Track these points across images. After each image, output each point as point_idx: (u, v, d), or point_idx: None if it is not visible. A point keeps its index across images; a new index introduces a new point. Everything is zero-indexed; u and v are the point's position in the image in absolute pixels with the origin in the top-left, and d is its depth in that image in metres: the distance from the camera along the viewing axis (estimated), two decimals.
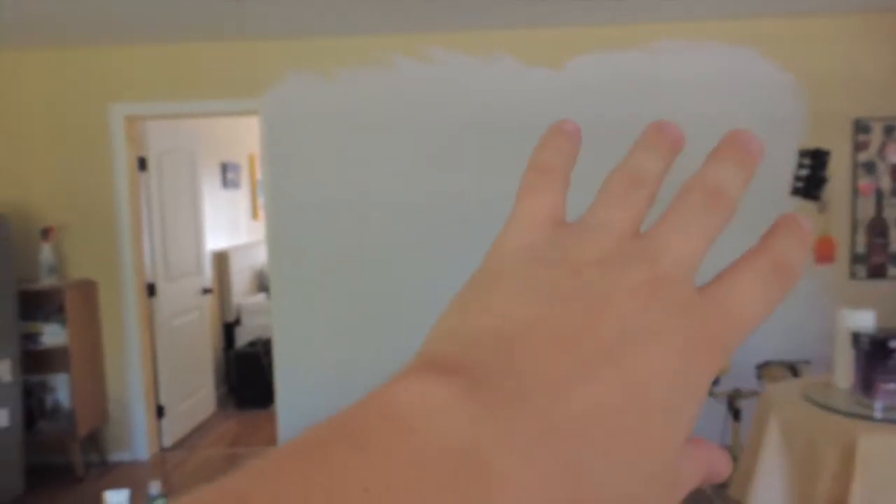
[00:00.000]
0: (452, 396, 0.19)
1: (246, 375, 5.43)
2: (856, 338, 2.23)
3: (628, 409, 0.20)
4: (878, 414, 2.11)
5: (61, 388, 4.23)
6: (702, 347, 0.22)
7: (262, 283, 6.56)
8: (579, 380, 0.20)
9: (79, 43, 4.13)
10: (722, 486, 3.11)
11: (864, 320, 2.29)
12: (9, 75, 4.22)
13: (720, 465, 0.24)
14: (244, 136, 6.60)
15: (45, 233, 4.12)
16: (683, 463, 0.22)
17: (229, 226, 6.30)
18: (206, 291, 5.25)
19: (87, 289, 4.22)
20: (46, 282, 4.08)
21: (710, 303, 0.23)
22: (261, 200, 7.05)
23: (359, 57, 4.18)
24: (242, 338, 5.85)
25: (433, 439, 0.18)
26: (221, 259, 5.88)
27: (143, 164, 4.47)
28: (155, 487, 2.19)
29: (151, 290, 4.52)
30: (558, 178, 0.28)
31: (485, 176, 4.19)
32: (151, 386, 4.48)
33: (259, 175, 6.99)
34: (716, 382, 3.32)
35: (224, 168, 6.18)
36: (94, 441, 4.33)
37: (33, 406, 4.15)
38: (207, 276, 5.49)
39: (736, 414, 3.27)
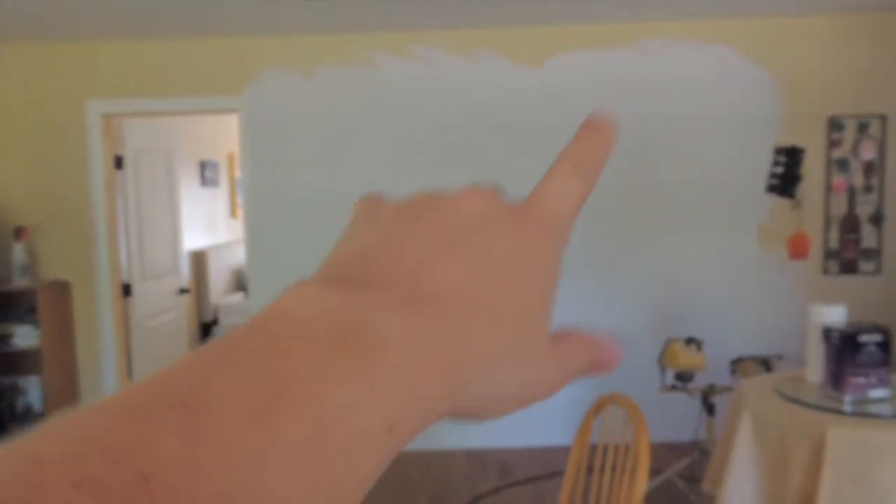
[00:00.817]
0: (325, 289, 0.22)
1: None
2: (826, 333, 2.26)
3: (484, 275, 0.24)
4: (847, 408, 2.13)
5: (33, 391, 4.17)
6: (532, 226, 0.26)
7: (240, 283, 6.52)
8: (434, 262, 0.24)
9: (55, 37, 4.07)
10: (695, 481, 3.13)
11: (835, 315, 2.31)
12: None
13: (607, 355, 0.27)
14: (223, 134, 6.55)
15: (18, 232, 4.06)
16: (565, 343, 0.27)
17: (208, 225, 6.25)
18: (184, 291, 5.20)
19: (61, 289, 4.16)
20: (19, 282, 4.02)
21: (529, 201, 0.27)
22: (240, 199, 7.01)
23: (339, 55, 4.16)
24: None
25: (318, 318, 0.20)
26: (199, 258, 5.83)
27: (119, 162, 4.42)
28: None
29: (127, 290, 4.47)
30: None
31: (467, 173, 4.19)
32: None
33: (238, 173, 6.95)
34: (691, 378, 3.34)
35: (203, 166, 6.13)
36: None
37: (3, 409, 4.09)
38: (185, 275, 5.44)
39: (710, 409, 3.29)
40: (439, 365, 0.22)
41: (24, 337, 3.97)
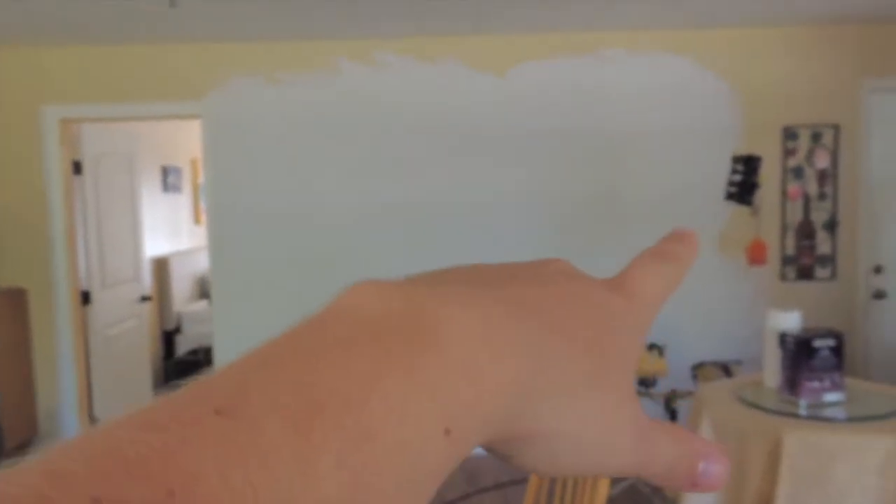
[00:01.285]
0: (388, 286, 0.20)
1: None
2: (782, 338, 2.31)
3: (573, 307, 0.23)
4: (802, 411, 2.19)
5: None
6: (623, 295, 0.25)
7: (203, 290, 6.42)
8: (520, 282, 0.23)
9: (8, 42, 3.98)
10: (659, 486, 3.18)
11: (791, 321, 2.37)
12: None
13: (715, 468, 0.24)
14: (186, 139, 6.46)
15: None
16: (658, 429, 0.24)
17: (170, 231, 6.16)
18: (145, 299, 5.11)
19: (17, 297, 4.06)
20: None
21: (619, 276, 0.27)
22: (203, 205, 6.92)
23: (303, 61, 4.14)
24: (183, 346, 5.71)
25: (374, 314, 0.19)
26: (161, 265, 5.74)
27: (77, 167, 4.33)
28: None
29: (86, 297, 4.38)
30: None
31: (430, 181, 4.20)
32: (85, 396, 4.34)
33: (201, 179, 6.86)
34: (653, 384, 3.39)
35: (165, 172, 6.04)
36: (24, 454, 4.16)
37: None
38: (146, 283, 5.34)
39: (673, 414, 3.35)
40: (513, 367, 0.20)
41: None
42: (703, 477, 0.24)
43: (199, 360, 5.29)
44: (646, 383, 3.37)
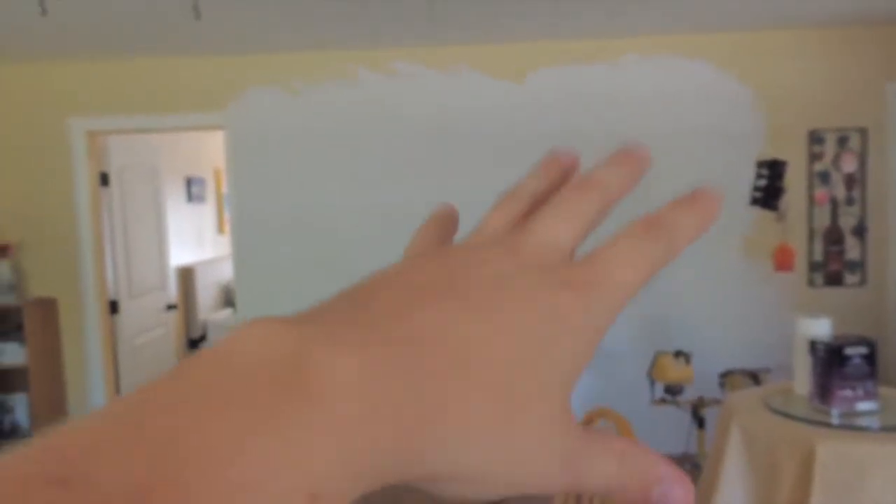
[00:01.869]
0: (277, 325, 0.18)
1: None
2: (813, 345, 2.28)
3: (486, 325, 0.20)
4: (834, 420, 2.16)
5: (20, 409, 4.13)
6: (576, 287, 0.22)
7: (228, 299, 6.48)
8: (427, 303, 0.20)
9: (36, 58, 4.06)
10: None
11: (821, 328, 2.34)
12: None
13: (676, 491, 0.22)
14: (209, 149, 6.54)
15: (3, 250, 4.03)
16: (597, 442, 0.22)
17: (195, 240, 6.23)
18: (171, 307, 5.17)
19: (47, 307, 4.13)
20: (4, 300, 3.99)
21: (579, 260, 0.23)
22: (227, 215, 6.99)
23: (322, 71, 4.18)
24: None
25: (252, 359, 0.17)
26: (187, 274, 5.80)
27: (104, 179, 4.40)
28: None
29: (114, 307, 4.44)
30: (523, 197, 0.28)
31: (450, 188, 4.21)
32: None
33: (225, 189, 6.93)
34: (680, 392, 3.36)
35: (189, 182, 6.11)
36: None
37: None
38: (172, 292, 5.41)
39: (700, 422, 3.32)
40: (391, 418, 0.18)
41: (11, 354, 3.94)
42: (660, 501, 0.22)
43: None
44: (672, 391, 3.34)
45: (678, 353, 3.37)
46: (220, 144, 6.78)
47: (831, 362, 2.20)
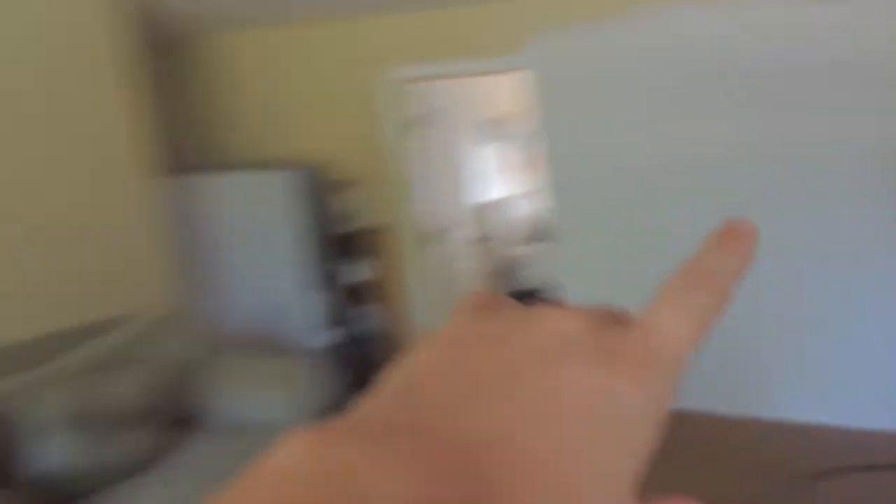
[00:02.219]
0: (318, 440, 0.18)
1: None
2: None
3: (542, 423, 0.19)
4: None
5: (368, 319, 4.76)
6: (630, 361, 0.20)
7: (530, 234, 6.77)
8: (480, 401, 0.19)
9: (354, 18, 4.52)
10: None
11: None
12: (307, 46, 4.76)
13: None
14: (510, 91, 6.78)
15: (346, 184, 4.62)
16: None
17: (493, 179, 6.56)
18: (478, 240, 5.53)
19: (380, 234, 4.67)
20: (350, 226, 4.59)
21: (635, 325, 0.21)
22: (527, 154, 7.24)
23: (633, 3, 4.05)
24: (511, 287, 6.10)
25: (293, 479, 0.17)
26: (490, 210, 6.15)
27: (421, 120, 4.80)
28: None
29: (431, 237, 4.87)
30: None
31: (783, 129, 3.87)
32: (436, 323, 4.86)
33: (526, 129, 7.17)
34: None
35: (489, 124, 6.42)
36: None
37: (347, 333, 4.72)
38: (479, 226, 5.78)
39: None
40: None
41: (359, 273, 4.54)
42: None
43: (524, 298, 5.60)
44: None
45: None
46: (514, 87, 7.01)
47: None
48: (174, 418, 2.68)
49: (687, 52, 3.95)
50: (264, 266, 4.23)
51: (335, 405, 4.29)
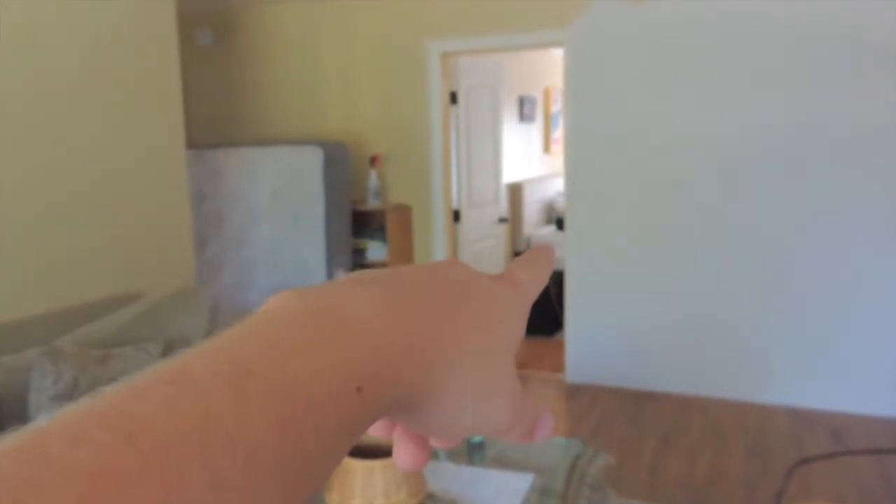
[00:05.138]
0: (303, 291, 0.26)
1: (534, 304, 5.64)
2: None
3: (464, 295, 0.29)
4: None
5: None
6: (508, 285, 0.32)
7: (550, 216, 6.72)
8: (416, 279, 0.28)
9: None
10: None
11: None
12: (340, 20, 4.74)
13: (545, 427, 0.32)
14: (542, 69, 6.69)
15: (373, 160, 4.62)
16: (526, 398, 0.30)
17: (524, 158, 6.51)
18: (503, 220, 5.52)
19: (404, 212, 4.68)
20: (372, 204, 4.61)
21: (503, 272, 0.34)
22: (553, 134, 7.16)
23: None
24: None
25: (292, 308, 0.24)
26: (516, 191, 6.11)
27: (453, 97, 4.77)
28: None
29: (456, 216, 4.87)
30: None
31: (809, 106, 3.76)
32: None
33: (553, 108, 7.08)
34: None
35: (521, 102, 6.35)
36: None
37: None
38: (503, 206, 5.75)
39: None
40: (406, 340, 0.25)
41: (376, 251, 4.57)
42: (540, 430, 0.32)
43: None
44: None
45: None
46: (552, 62, 6.91)
47: None
48: None
49: (730, 26, 3.85)
50: (288, 242, 4.29)
51: None
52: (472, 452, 2.21)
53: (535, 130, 6.79)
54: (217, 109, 5.18)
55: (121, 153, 3.10)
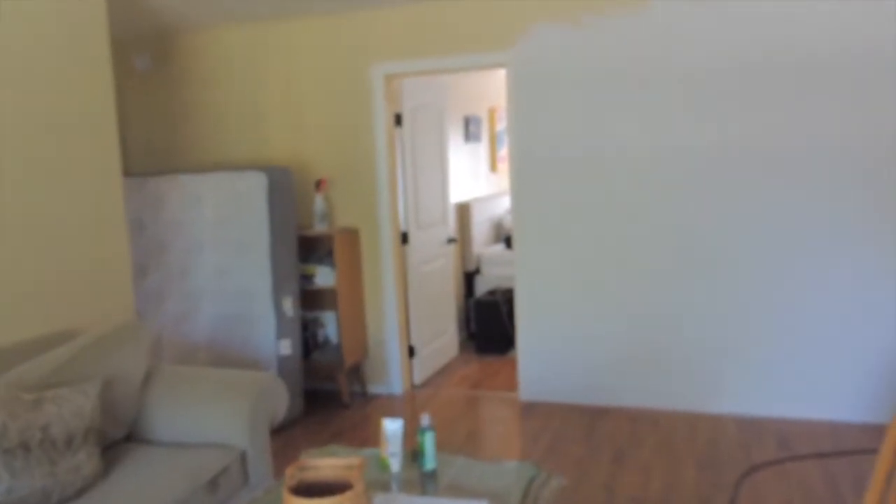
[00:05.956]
0: None
1: (485, 323, 5.66)
2: None
3: None
4: None
5: (330, 324, 4.74)
6: None
7: (499, 234, 6.75)
8: None
9: (340, 9, 4.46)
10: None
11: None
12: (283, 43, 4.70)
13: None
14: (486, 89, 6.76)
15: (318, 184, 4.57)
16: None
17: (470, 178, 6.54)
18: (451, 241, 5.52)
19: (351, 235, 4.64)
20: (319, 228, 4.55)
21: None
22: (499, 153, 7.22)
23: (611, 2, 4.04)
24: (481, 287, 6.09)
25: None
26: (463, 210, 6.13)
27: (398, 119, 4.76)
28: (425, 419, 2.37)
29: (404, 238, 4.85)
30: None
31: (743, 123, 3.88)
32: (404, 327, 4.85)
33: (498, 127, 7.15)
34: None
35: (467, 122, 6.38)
36: (356, 373, 4.82)
37: (308, 339, 4.69)
38: (451, 226, 5.76)
39: None
40: None
41: (324, 277, 4.50)
42: None
43: (497, 300, 5.59)
44: None
45: None
46: (496, 83, 6.98)
47: None
48: (118, 436, 2.66)
49: (669, 48, 3.95)
50: (233, 270, 4.19)
51: (288, 420, 4.27)
52: (426, 481, 2.18)
53: (481, 150, 6.83)
54: (158, 136, 5.06)
55: (53, 183, 2.98)
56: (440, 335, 5.37)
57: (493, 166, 7.09)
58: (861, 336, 3.85)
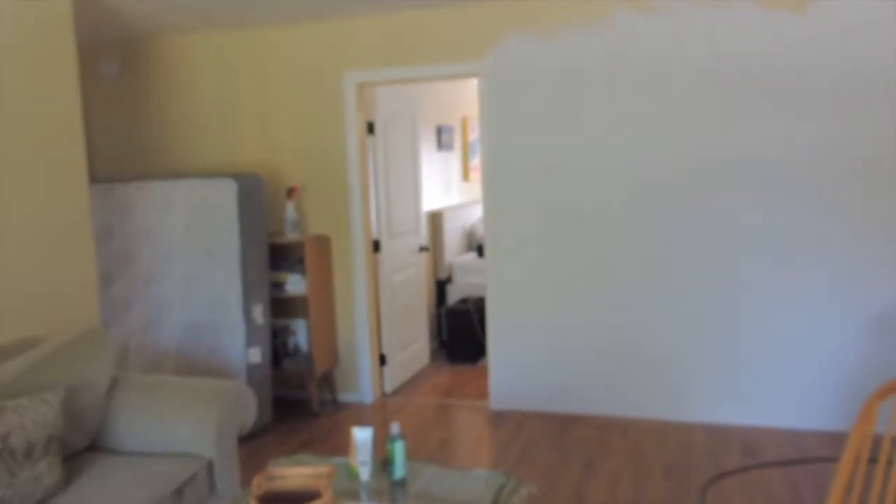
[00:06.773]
0: None
1: (457, 331, 5.67)
2: None
3: None
4: None
5: (300, 332, 4.71)
6: None
7: (471, 243, 6.77)
8: None
9: (314, 18, 4.46)
10: None
11: None
12: (255, 50, 4.68)
13: None
14: (459, 98, 6.79)
15: (290, 192, 4.55)
16: None
17: (443, 187, 6.55)
18: (423, 249, 5.52)
19: (323, 243, 4.62)
20: (290, 236, 4.52)
21: None
22: (472, 162, 7.25)
23: (579, 13, 4.10)
24: (453, 295, 6.10)
25: None
26: (436, 219, 6.14)
27: (371, 128, 4.76)
28: (395, 427, 2.36)
29: (376, 246, 4.84)
30: None
31: (707, 133, 3.95)
32: (376, 335, 4.84)
33: (471, 137, 7.18)
34: None
35: (440, 131, 6.41)
36: (327, 381, 4.79)
37: (278, 347, 4.66)
38: (424, 234, 5.77)
39: None
40: None
41: (295, 284, 4.47)
42: None
43: (469, 308, 5.60)
44: None
45: None
46: (469, 92, 7.02)
47: None
48: (81, 446, 2.61)
49: (635, 59, 4.01)
50: (203, 278, 4.14)
51: (257, 428, 4.23)
52: (395, 490, 2.17)
53: (453, 159, 6.86)
54: (126, 142, 5.00)
55: (16, 189, 2.93)
56: (411, 343, 5.36)
57: (465, 175, 7.12)
58: (824, 347, 3.93)
